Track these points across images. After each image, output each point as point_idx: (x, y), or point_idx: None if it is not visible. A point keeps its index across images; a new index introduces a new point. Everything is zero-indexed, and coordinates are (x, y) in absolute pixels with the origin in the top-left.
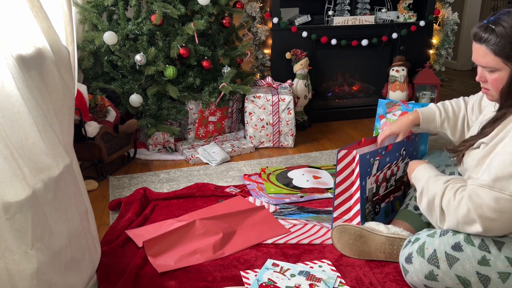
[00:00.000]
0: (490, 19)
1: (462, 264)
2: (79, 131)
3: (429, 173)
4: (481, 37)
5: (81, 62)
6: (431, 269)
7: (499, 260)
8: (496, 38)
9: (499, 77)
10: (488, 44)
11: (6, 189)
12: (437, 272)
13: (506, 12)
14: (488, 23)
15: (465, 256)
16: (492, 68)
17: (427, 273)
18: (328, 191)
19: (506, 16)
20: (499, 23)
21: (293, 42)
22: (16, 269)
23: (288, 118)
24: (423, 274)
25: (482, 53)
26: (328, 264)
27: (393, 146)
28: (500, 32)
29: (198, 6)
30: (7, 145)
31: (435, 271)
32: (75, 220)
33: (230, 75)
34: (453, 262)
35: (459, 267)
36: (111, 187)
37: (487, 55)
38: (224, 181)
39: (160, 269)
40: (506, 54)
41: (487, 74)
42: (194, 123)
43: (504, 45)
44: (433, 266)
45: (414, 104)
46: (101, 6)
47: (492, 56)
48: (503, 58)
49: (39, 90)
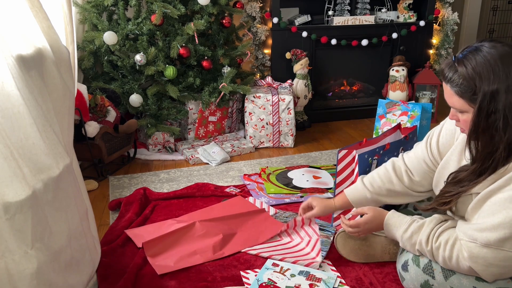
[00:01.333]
0: (458, 56)
1: (459, 279)
2: (79, 131)
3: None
4: (445, 76)
5: (81, 62)
6: (427, 279)
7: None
8: (458, 79)
9: (467, 118)
10: (452, 84)
11: (6, 189)
12: (433, 283)
13: (474, 49)
14: (454, 61)
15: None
16: (459, 109)
17: (422, 282)
18: (328, 191)
19: (471, 55)
20: (462, 62)
21: (293, 42)
22: (16, 269)
23: (288, 118)
24: (418, 283)
25: (448, 93)
26: (328, 264)
27: (391, 146)
28: (462, 73)
29: (198, 6)
30: (7, 145)
31: (431, 281)
32: (75, 220)
33: (230, 75)
34: (448, 275)
35: (455, 280)
36: (111, 187)
37: (452, 96)
38: (224, 181)
39: (160, 271)
40: (469, 96)
41: (459, 114)
42: (194, 123)
43: (466, 87)
44: (429, 276)
45: (414, 104)
46: (101, 6)
47: (456, 98)
48: (467, 100)
49: (39, 90)
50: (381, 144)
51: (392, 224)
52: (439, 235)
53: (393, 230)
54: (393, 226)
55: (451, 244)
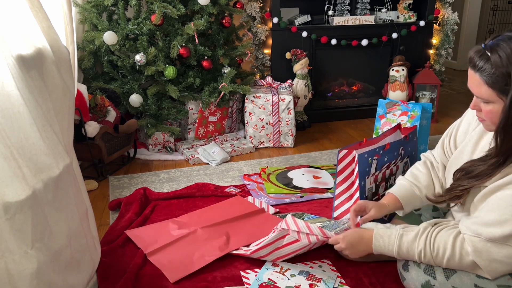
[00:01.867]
0: (488, 44)
1: (460, 277)
2: (79, 131)
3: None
4: (475, 65)
5: (81, 62)
6: (428, 279)
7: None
8: (490, 68)
9: (493, 109)
10: (482, 73)
11: (6, 189)
12: (434, 283)
13: (506, 37)
14: (485, 49)
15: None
16: (485, 100)
17: (423, 282)
18: (328, 191)
19: (505, 43)
20: (496, 50)
21: (293, 42)
22: (16, 269)
23: (288, 118)
24: (419, 283)
25: (476, 82)
26: (328, 264)
27: (391, 146)
28: (496, 62)
29: (198, 6)
30: (7, 145)
31: (432, 281)
32: (75, 220)
33: (230, 75)
34: (450, 274)
35: (457, 279)
36: (111, 187)
37: (481, 86)
38: (224, 181)
39: (173, 279)
40: (500, 87)
41: (482, 105)
42: (194, 123)
43: (499, 76)
44: (430, 276)
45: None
46: (101, 6)
47: (485, 87)
48: (497, 91)
49: (39, 90)
50: (381, 144)
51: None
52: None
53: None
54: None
55: (450, 243)
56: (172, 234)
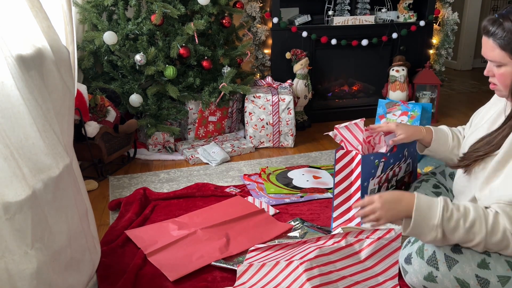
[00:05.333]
0: (501, 13)
1: (462, 267)
2: (79, 131)
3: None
4: (488, 31)
5: (81, 62)
6: (430, 271)
7: (499, 263)
8: (503, 32)
9: (505, 72)
10: (495, 38)
11: (6, 189)
12: (436, 274)
13: None
14: (498, 17)
15: (465, 259)
16: (498, 63)
17: (426, 274)
18: (328, 191)
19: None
20: (508, 17)
21: (293, 42)
22: (16, 269)
23: (288, 118)
24: (422, 275)
25: (489, 47)
26: None
27: (397, 148)
28: (508, 26)
29: (198, 6)
30: (7, 145)
31: (434, 272)
32: (75, 220)
33: (230, 75)
34: (452, 264)
35: (459, 269)
36: (111, 187)
37: (494, 49)
38: (224, 181)
39: (173, 277)
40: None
41: (495, 69)
42: (194, 123)
43: (511, 39)
44: (432, 267)
45: (414, 104)
46: (101, 6)
47: (498, 50)
48: (509, 52)
49: (39, 90)
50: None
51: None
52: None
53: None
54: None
55: (492, 222)
56: (172, 234)
